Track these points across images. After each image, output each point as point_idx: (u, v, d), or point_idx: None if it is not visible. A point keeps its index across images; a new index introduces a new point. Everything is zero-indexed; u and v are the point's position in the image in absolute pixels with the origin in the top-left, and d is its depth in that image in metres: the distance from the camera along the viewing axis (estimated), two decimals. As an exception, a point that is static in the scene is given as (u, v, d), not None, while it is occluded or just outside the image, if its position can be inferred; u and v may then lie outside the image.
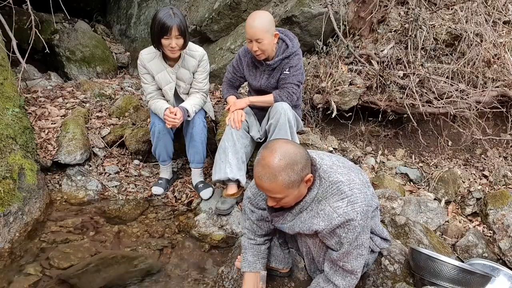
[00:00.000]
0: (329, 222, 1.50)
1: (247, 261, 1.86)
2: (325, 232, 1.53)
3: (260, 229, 1.84)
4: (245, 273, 1.86)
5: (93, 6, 5.59)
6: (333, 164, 1.60)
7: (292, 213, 1.60)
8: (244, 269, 1.86)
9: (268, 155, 1.44)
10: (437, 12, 3.69)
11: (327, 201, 1.53)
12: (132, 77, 4.74)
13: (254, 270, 1.85)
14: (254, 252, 1.87)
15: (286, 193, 1.47)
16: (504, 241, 2.48)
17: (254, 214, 1.80)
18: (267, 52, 2.43)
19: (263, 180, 1.45)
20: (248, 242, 1.88)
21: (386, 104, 3.27)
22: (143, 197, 2.91)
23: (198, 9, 4.32)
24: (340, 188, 1.52)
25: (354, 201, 1.50)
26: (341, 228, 1.50)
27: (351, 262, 1.58)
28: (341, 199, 1.51)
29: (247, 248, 1.88)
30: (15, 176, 2.42)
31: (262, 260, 1.87)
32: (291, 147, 1.47)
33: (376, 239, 1.85)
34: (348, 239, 1.51)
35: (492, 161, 3.35)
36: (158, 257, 2.34)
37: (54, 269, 2.15)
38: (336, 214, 1.49)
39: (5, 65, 2.97)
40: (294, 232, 1.65)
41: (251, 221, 1.83)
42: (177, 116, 2.53)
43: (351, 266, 1.58)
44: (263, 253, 1.88)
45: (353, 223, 1.49)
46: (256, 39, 2.34)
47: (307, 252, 1.77)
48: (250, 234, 1.87)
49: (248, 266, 1.85)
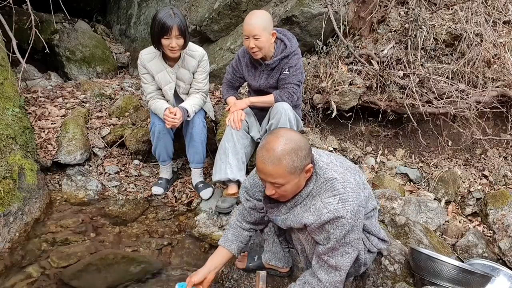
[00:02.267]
0: (318, 217, 1.51)
1: (225, 237, 1.92)
2: (313, 227, 1.54)
3: (250, 217, 1.88)
4: (219, 247, 1.91)
5: (93, 6, 5.60)
6: (330, 162, 1.61)
7: (287, 206, 1.62)
8: (219, 243, 1.92)
9: (273, 140, 1.46)
10: (437, 12, 3.69)
11: (320, 197, 1.54)
12: (132, 77, 4.74)
13: (227, 247, 1.89)
14: (236, 233, 1.91)
15: (287, 179, 1.47)
16: (504, 241, 2.48)
17: (248, 203, 1.84)
18: (264, 50, 2.43)
19: (266, 164, 1.45)
20: (235, 222, 1.94)
21: (386, 104, 3.27)
22: (143, 197, 2.91)
23: (198, 9, 4.32)
24: (334, 185, 1.53)
25: (346, 199, 1.51)
26: (330, 224, 1.51)
27: (336, 258, 1.58)
28: (333, 196, 1.52)
29: (232, 226, 1.94)
30: (15, 176, 2.42)
31: (240, 243, 1.91)
32: (295, 134, 1.52)
33: (373, 239, 1.85)
34: (335, 235, 1.52)
35: (492, 161, 3.35)
36: (158, 257, 2.34)
37: (54, 269, 2.15)
38: (326, 210, 1.50)
39: (5, 65, 2.97)
40: (287, 226, 1.66)
41: (244, 207, 1.88)
42: (177, 116, 2.53)
43: (335, 261, 1.58)
44: (244, 238, 1.92)
45: (342, 221, 1.49)
46: (253, 36, 2.35)
47: (302, 249, 1.78)
48: (239, 217, 1.92)
49: (225, 242, 1.91)
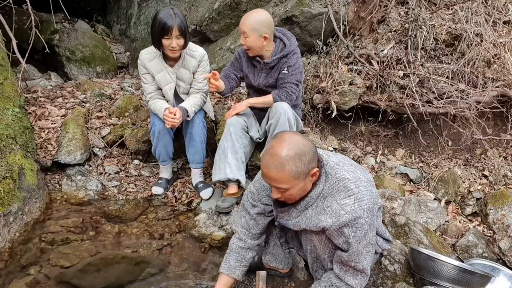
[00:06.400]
0: (337, 219, 1.51)
1: (228, 263, 1.83)
2: (332, 229, 1.54)
3: (257, 225, 1.81)
4: (222, 274, 1.83)
5: (93, 6, 5.60)
6: (340, 162, 1.61)
7: (297, 209, 1.60)
8: (222, 270, 1.84)
9: (277, 144, 1.46)
10: (437, 12, 3.69)
11: (334, 198, 1.53)
12: (132, 77, 4.74)
13: (232, 275, 1.81)
14: (238, 257, 1.84)
15: (291, 184, 1.47)
16: (504, 241, 2.48)
17: (256, 208, 1.78)
18: (253, 50, 2.45)
19: (270, 169, 1.45)
20: (236, 245, 1.85)
21: (386, 104, 3.26)
22: (143, 197, 2.91)
23: (198, 9, 4.32)
24: (347, 185, 1.53)
25: (361, 199, 1.51)
26: (349, 228, 1.51)
27: (362, 261, 1.59)
28: (348, 196, 1.51)
29: (233, 250, 1.85)
30: (15, 176, 2.42)
31: (243, 268, 1.84)
32: (300, 139, 1.49)
33: (379, 240, 1.85)
34: (356, 237, 1.52)
35: (492, 161, 3.35)
36: (158, 257, 2.33)
37: (54, 269, 2.15)
38: (344, 211, 1.50)
39: (5, 65, 2.96)
40: (300, 228, 1.64)
41: (250, 216, 1.80)
42: (177, 116, 2.53)
43: (362, 265, 1.59)
44: (246, 261, 1.85)
45: (361, 221, 1.50)
46: (242, 32, 2.39)
47: (311, 250, 1.76)
48: (242, 234, 1.84)
49: (228, 269, 1.82)
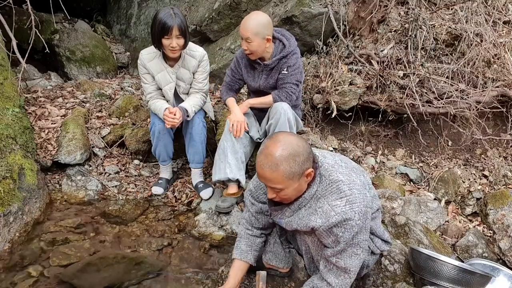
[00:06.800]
0: (326, 220, 1.51)
1: (239, 249, 1.86)
2: (321, 230, 1.54)
3: (258, 222, 1.85)
4: (235, 260, 1.86)
5: (93, 6, 5.60)
6: (335, 163, 1.61)
7: (290, 209, 1.61)
8: (234, 256, 1.86)
9: (271, 145, 1.47)
10: (437, 12, 3.69)
11: (326, 199, 1.53)
12: (132, 77, 4.74)
13: (244, 259, 1.85)
14: (249, 242, 1.87)
15: (286, 184, 1.47)
16: (504, 241, 2.48)
17: (254, 207, 1.82)
18: (256, 53, 2.44)
19: (264, 169, 1.46)
20: (245, 232, 1.89)
21: (386, 104, 3.26)
22: (143, 197, 2.91)
23: (198, 9, 4.32)
24: (340, 187, 1.53)
25: (353, 201, 1.50)
26: (338, 227, 1.51)
27: (345, 259, 1.58)
28: (340, 198, 1.51)
29: (243, 236, 1.89)
30: (15, 176, 2.42)
31: (255, 252, 1.87)
32: (294, 139, 1.50)
33: (377, 241, 1.85)
34: (345, 238, 1.52)
35: (492, 161, 3.35)
36: (158, 257, 2.33)
37: (54, 269, 2.15)
38: (334, 213, 1.50)
39: (5, 65, 2.96)
40: (292, 228, 1.66)
41: (250, 213, 1.85)
42: (176, 116, 2.53)
43: (344, 263, 1.58)
44: (257, 246, 1.88)
45: (351, 223, 1.49)
46: (245, 38, 2.37)
47: (306, 250, 1.78)
48: (248, 225, 1.89)
49: (240, 254, 1.85)
